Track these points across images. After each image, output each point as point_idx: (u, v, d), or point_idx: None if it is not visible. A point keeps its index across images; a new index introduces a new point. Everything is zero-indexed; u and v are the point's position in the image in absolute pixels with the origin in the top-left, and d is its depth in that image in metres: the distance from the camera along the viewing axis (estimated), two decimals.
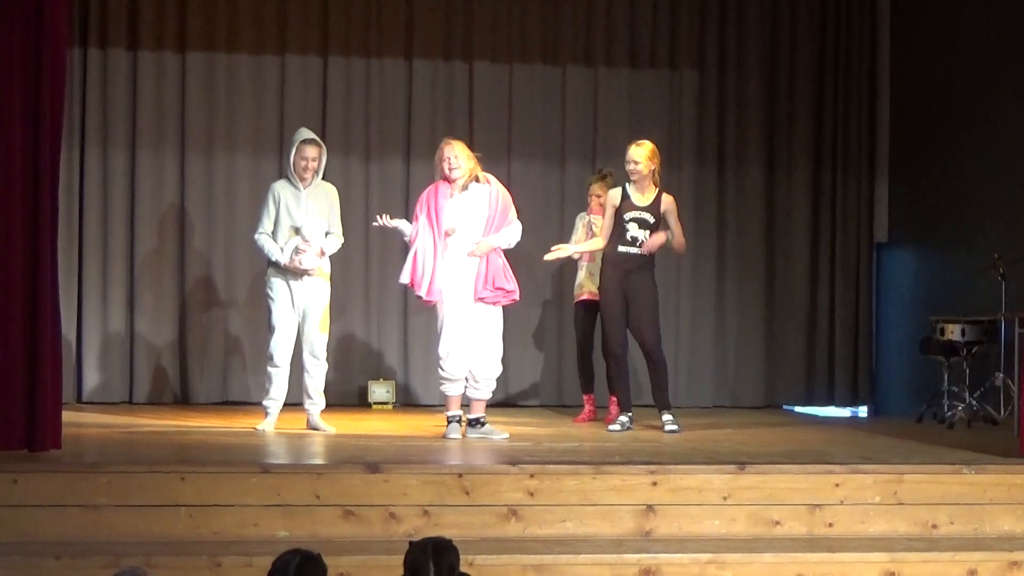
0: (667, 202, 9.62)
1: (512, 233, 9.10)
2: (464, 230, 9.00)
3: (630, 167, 9.55)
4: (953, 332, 10.41)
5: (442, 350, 9.01)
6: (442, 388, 9.11)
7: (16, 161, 7.59)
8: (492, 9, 12.03)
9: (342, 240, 9.52)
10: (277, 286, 9.30)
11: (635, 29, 12.21)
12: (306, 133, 9.45)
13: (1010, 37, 10.90)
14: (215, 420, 10.03)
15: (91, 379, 11.41)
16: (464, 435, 9.03)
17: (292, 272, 9.24)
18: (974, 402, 10.33)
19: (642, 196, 9.57)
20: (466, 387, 9.08)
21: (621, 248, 9.56)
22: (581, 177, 11.91)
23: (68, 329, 10.75)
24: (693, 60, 12.27)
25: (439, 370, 9.06)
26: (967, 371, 10.43)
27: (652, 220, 9.55)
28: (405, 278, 9.07)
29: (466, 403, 9.17)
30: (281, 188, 9.36)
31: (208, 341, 11.61)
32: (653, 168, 9.57)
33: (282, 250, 9.22)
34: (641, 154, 9.54)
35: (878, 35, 12.51)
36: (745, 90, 12.31)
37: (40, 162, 7.63)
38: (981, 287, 10.67)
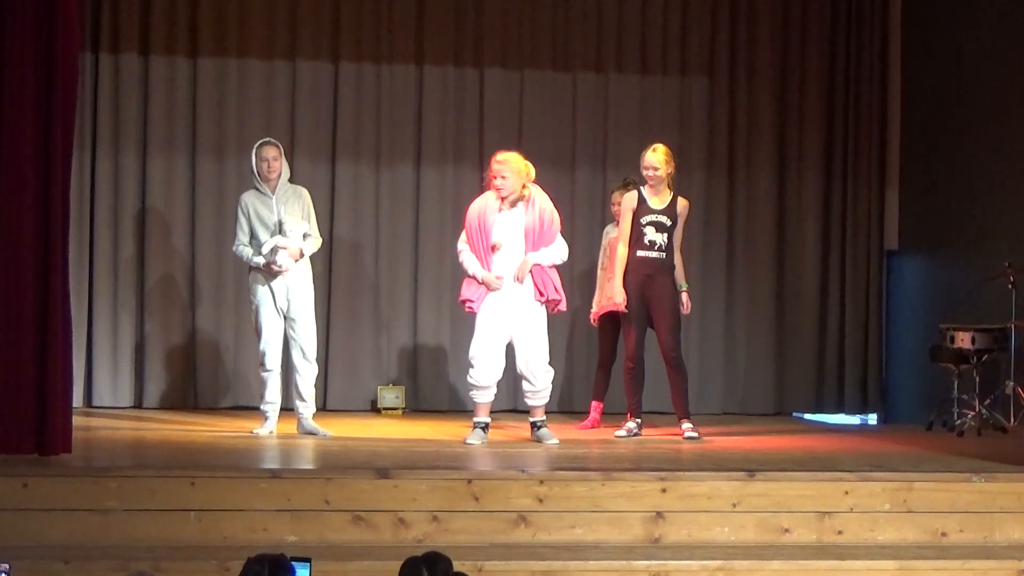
0: (683, 206, 9.64)
1: (556, 252, 9.12)
2: (509, 247, 9.03)
3: (648, 172, 9.56)
4: (963, 340, 10.39)
5: (471, 358, 9.05)
6: (471, 394, 9.16)
7: (28, 166, 7.61)
8: (503, 15, 12.04)
9: (320, 240, 9.55)
10: (260, 291, 9.30)
11: (646, 36, 12.21)
12: (262, 139, 9.54)
13: (1021, 46, 10.89)
14: (225, 424, 10.04)
15: (101, 383, 11.41)
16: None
17: (272, 274, 9.25)
18: (984, 410, 10.31)
19: (658, 199, 9.58)
20: (524, 393, 9.18)
21: (640, 253, 9.56)
22: (591, 184, 11.93)
23: (78, 333, 10.72)
24: (703, 67, 12.27)
25: (468, 377, 9.09)
26: (977, 379, 10.40)
27: (669, 223, 9.55)
28: (465, 294, 9.10)
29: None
30: (249, 198, 9.37)
31: (218, 346, 11.62)
32: (670, 172, 9.60)
33: (261, 252, 9.24)
34: (658, 158, 9.55)
35: (889, 43, 12.50)
36: (755, 97, 12.31)
37: (52, 167, 7.65)
38: (991, 295, 10.65)
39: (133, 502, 6.93)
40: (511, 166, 9.03)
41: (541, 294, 9.02)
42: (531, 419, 9.17)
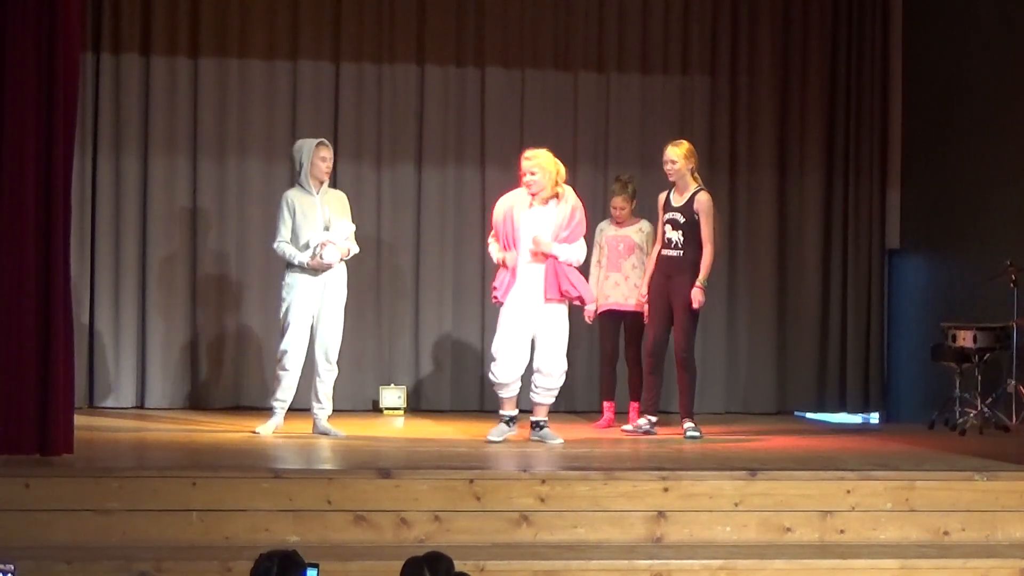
0: (699, 201, 9.52)
1: (574, 251, 9.04)
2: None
3: (667, 167, 9.56)
4: (965, 339, 10.39)
5: (493, 354, 9.06)
6: (494, 389, 9.16)
7: (30, 166, 7.62)
8: (504, 15, 12.04)
9: (357, 248, 9.54)
10: (297, 287, 9.20)
11: (647, 35, 12.20)
12: (315, 140, 9.45)
13: (1021, 45, 10.88)
14: (227, 425, 10.03)
15: (103, 383, 11.42)
16: (529, 438, 9.08)
17: (313, 272, 9.20)
18: (986, 409, 10.31)
19: (679, 196, 9.57)
20: (533, 389, 9.13)
21: (663, 252, 9.61)
22: (593, 182, 11.92)
23: (80, 333, 10.74)
24: (705, 66, 12.27)
25: (489, 373, 9.13)
26: (979, 378, 10.40)
27: (683, 220, 9.51)
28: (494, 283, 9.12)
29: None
30: (295, 196, 9.32)
31: (220, 345, 11.62)
32: (691, 167, 9.56)
33: (308, 247, 9.18)
34: (677, 153, 9.53)
35: (890, 41, 12.50)
36: (757, 96, 12.31)
37: (53, 167, 7.66)
38: (993, 293, 10.65)
39: (135, 502, 6.93)
40: (539, 162, 9.00)
41: (560, 291, 8.97)
42: (533, 418, 9.15)
